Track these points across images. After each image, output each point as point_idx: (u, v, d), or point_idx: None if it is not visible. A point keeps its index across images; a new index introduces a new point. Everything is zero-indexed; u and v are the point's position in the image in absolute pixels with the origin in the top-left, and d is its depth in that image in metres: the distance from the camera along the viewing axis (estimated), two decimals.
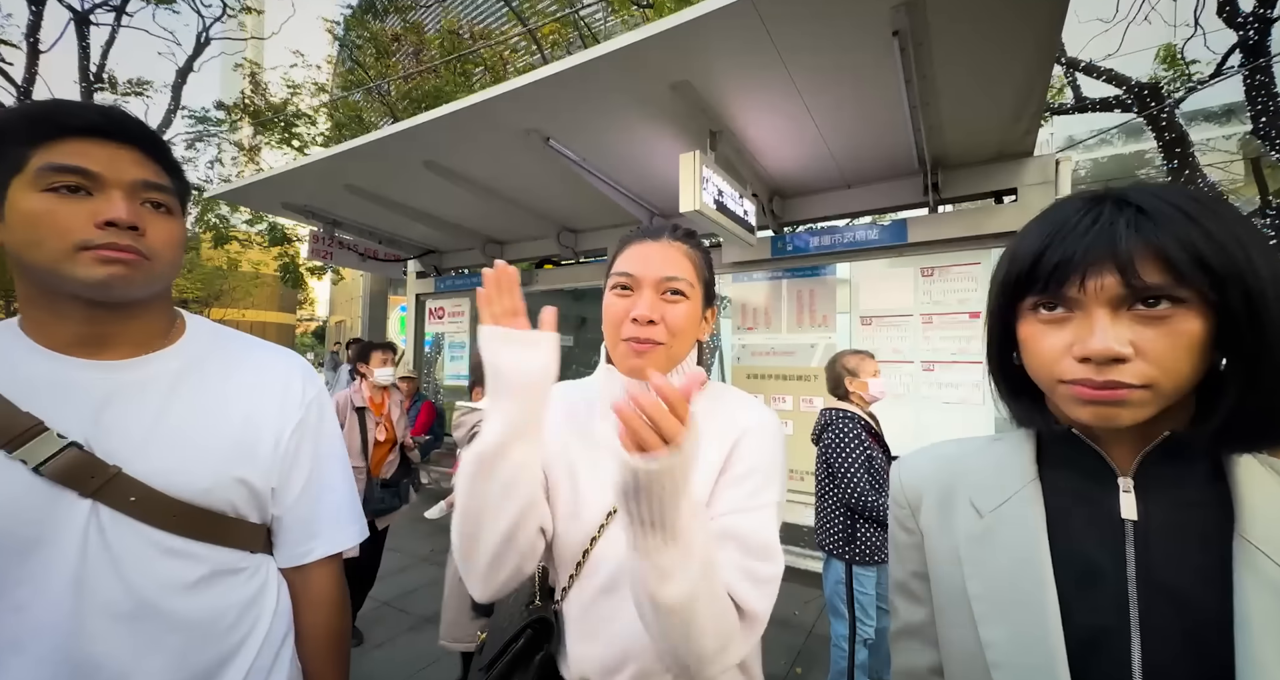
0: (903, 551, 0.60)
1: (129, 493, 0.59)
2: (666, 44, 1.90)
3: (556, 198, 3.56)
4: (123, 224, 0.56)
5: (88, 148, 0.57)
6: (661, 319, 0.71)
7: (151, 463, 0.61)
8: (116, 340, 0.63)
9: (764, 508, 0.68)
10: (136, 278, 0.59)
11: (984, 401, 2.77)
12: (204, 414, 0.66)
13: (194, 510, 0.63)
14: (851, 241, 3.10)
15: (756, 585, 0.62)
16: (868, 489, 1.81)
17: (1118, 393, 0.41)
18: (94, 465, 0.58)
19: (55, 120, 0.57)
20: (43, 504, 0.56)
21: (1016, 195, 2.64)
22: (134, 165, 0.59)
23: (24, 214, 0.55)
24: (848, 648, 1.87)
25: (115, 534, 0.59)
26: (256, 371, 0.74)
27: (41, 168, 0.55)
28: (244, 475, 0.67)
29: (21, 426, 0.56)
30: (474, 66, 9.18)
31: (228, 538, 0.67)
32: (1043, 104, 2.20)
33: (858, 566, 1.86)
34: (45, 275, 0.57)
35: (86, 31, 7.48)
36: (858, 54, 1.95)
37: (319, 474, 0.76)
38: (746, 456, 0.70)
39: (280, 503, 0.72)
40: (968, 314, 2.84)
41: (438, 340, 5.41)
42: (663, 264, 0.73)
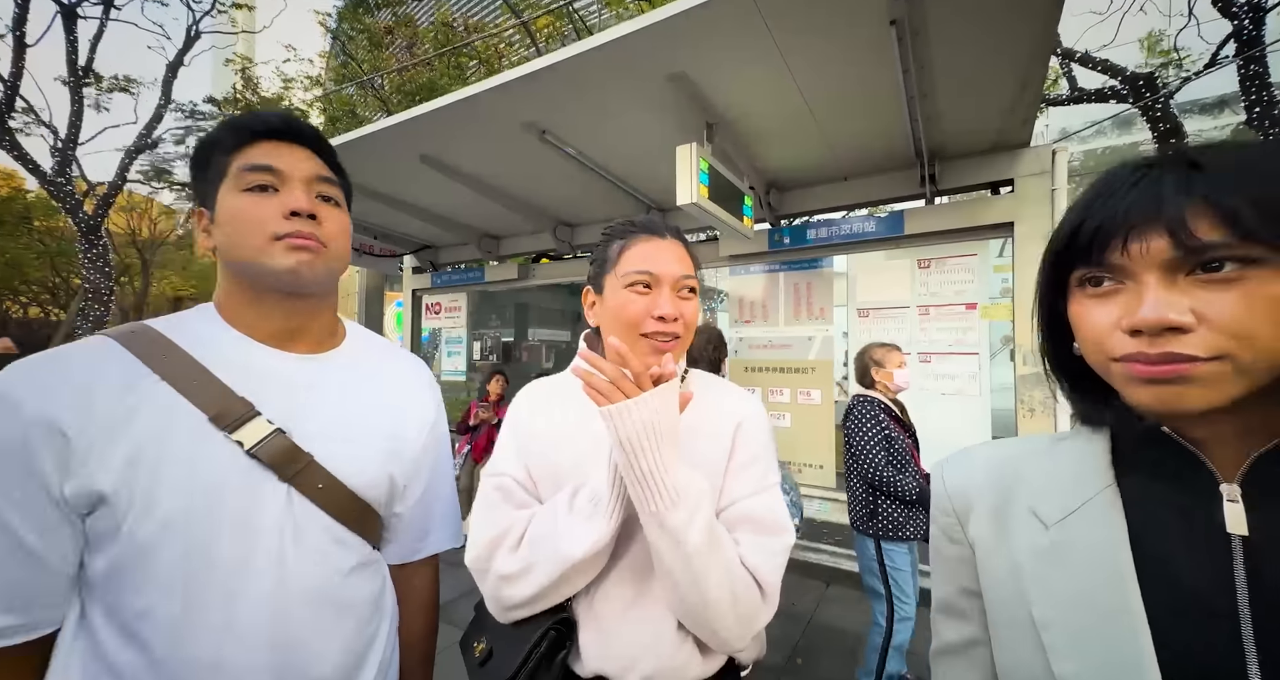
0: (949, 565, 0.53)
1: (317, 480, 0.64)
2: (662, 35, 1.88)
3: (552, 191, 3.54)
4: (304, 212, 0.63)
5: (272, 148, 0.64)
6: (680, 315, 0.75)
7: (335, 453, 0.66)
8: (304, 334, 0.70)
9: (769, 488, 0.75)
10: (318, 264, 0.64)
11: (980, 393, 2.78)
12: (370, 411, 0.72)
13: (358, 502, 0.68)
14: (848, 234, 3.10)
15: (770, 557, 0.70)
16: (884, 465, 1.94)
17: (1179, 368, 0.35)
18: (295, 452, 0.63)
19: (247, 127, 0.65)
20: (253, 485, 0.60)
21: (1013, 186, 2.64)
22: (307, 161, 0.66)
23: (230, 213, 0.62)
24: (885, 625, 1.92)
25: (304, 518, 0.63)
26: (400, 374, 0.80)
27: (240, 168, 0.62)
28: (394, 471, 0.72)
29: (239, 410, 0.60)
30: (468, 60, 9.10)
31: (369, 530, 0.71)
32: (1040, 94, 2.20)
33: (886, 542, 1.93)
34: (247, 268, 0.63)
35: (74, 25, 7.36)
36: (855, 44, 1.94)
37: (436, 475, 0.81)
38: (747, 444, 0.76)
39: (406, 500, 0.76)
40: (964, 305, 2.85)
41: (434, 336, 5.39)
42: (677, 263, 0.77)
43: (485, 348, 5.19)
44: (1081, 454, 0.47)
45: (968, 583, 0.51)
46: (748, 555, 0.68)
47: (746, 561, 0.68)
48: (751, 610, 0.68)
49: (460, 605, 2.93)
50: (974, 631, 0.50)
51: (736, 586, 0.66)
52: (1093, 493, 0.44)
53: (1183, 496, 0.41)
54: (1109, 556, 0.41)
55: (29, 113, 7.34)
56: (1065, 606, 0.41)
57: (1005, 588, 0.46)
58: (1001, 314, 2.78)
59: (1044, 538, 0.44)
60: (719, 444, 0.75)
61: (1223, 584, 0.37)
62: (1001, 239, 2.77)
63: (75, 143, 7.46)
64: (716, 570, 0.64)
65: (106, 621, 0.56)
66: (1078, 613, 0.41)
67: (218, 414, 0.59)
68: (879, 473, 1.91)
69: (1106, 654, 0.39)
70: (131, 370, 0.58)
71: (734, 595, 0.66)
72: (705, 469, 0.72)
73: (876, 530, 1.93)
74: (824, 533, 3.46)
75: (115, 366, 0.58)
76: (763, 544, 0.70)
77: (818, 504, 3.23)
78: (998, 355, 3.04)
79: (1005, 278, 2.80)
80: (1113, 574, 0.40)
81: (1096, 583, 0.41)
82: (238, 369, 0.63)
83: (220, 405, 0.59)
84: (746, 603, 0.67)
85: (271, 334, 0.67)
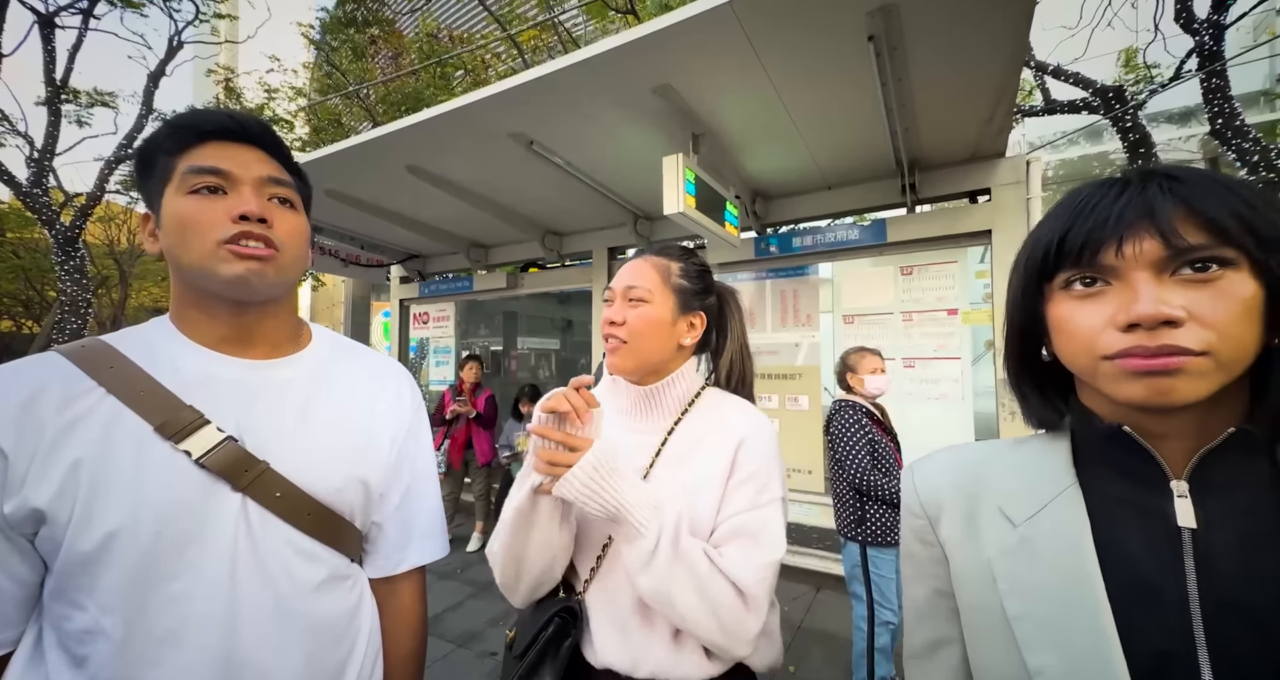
0: (921, 566, 0.54)
1: (274, 489, 0.61)
2: (648, 48, 1.92)
3: (540, 201, 3.56)
4: (253, 216, 0.59)
5: (220, 150, 0.61)
6: (624, 321, 0.83)
7: (294, 461, 0.63)
8: (258, 339, 0.66)
9: (766, 505, 0.77)
10: (268, 271, 0.61)
11: (964, 397, 2.84)
12: (336, 416, 0.69)
13: (324, 511, 0.65)
14: (833, 241, 3.16)
15: (757, 570, 0.72)
16: (870, 469, 1.94)
17: (1174, 360, 0.36)
18: (248, 459, 0.60)
19: (193, 127, 0.61)
20: (203, 496, 0.57)
21: (990, 195, 2.72)
22: (258, 163, 0.63)
23: (174, 217, 0.59)
24: (866, 628, 1.92)
25: (261, 529, 0.60)
26: (372, 377, 0.76)
27: (185, 170, 0.59)
28: (366, 477, 0.69)
29: (187, 419, 0.58)
30: (454, 69, 9.13)
31: (342, 542, 0.68)
32: (1013, 106, 2.28)
33: (872, 548, 1.94)
34: (195, 275, 0.60)
35: (51, 35, 7.25)
36: (835, 58, 1.99)
37: (417, 480, 0.77)
38: (746, 463, 0.79)
39: (383, 508, 0.73)
40: (946, 311, 2.91)
41: (422, 345, 5.35)
42: (629, 276, 0.86)
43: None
44: (1044, 455, 0.49)
45: (940, 584, 0.52)
46: (733, 567, 0.71)
47: (731, 573, 0.70)
48: (734, 620, 0.69)
49: (448, 619, 2.89)
50: (945, 631, 0.52)
51: (713, 597, 0.69)
52: (1057, 491, 0.46)
53: (1138, 492, 0.43)
54: (1074, 551, 0.43)
55: (3, 123, 7.19)
56: (1035, 600, 0.43)
57: (977, 585, 0.47)
58: (982, 319, 2.84)
59: (1013, 536, 0.46)
60: (719, 460, 0.79)
61: (1174, 575, 0.40)
62: (981, 246, 2.84)
63: (53, 154, 7.32)
64: (684, 584, 0.68)
65: (55, 643, 0.54)
66: (1047, 605, 0.43)
67: (164, 423, 0.56)
68: (865, 477, 1.93)
69: (1075, 643, 0.40)
70: (75, 384, 0.56)
71: (711, 605, 0.69)
72: (703, 482, 0.78)
73: (864, 536, 1.94)
74: (813, 538, 3.47)
75: (57, 381, 0.56)
76: (749, 558, 0.72)
77: (806, 509, 3.25)
78: (980, 359, 3.10)
79: (987, 283, 2.87)
80: (1077, 567, 0.42)
81: (1063, 576, 0.43)
82: (187, 377, 0.60)
83: (166, 414, 0.57)
84: (728, 612, 0.69)
85: (222, 339, 0.64)
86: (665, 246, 0.91)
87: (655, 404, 0.86)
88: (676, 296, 0.85)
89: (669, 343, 0.85)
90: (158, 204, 0.61)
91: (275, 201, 0.64)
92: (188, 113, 0.64)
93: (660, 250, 0.89)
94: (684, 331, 0.87)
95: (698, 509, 0.76)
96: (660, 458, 0.82)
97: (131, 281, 17.52)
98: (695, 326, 0.88)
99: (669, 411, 0.86)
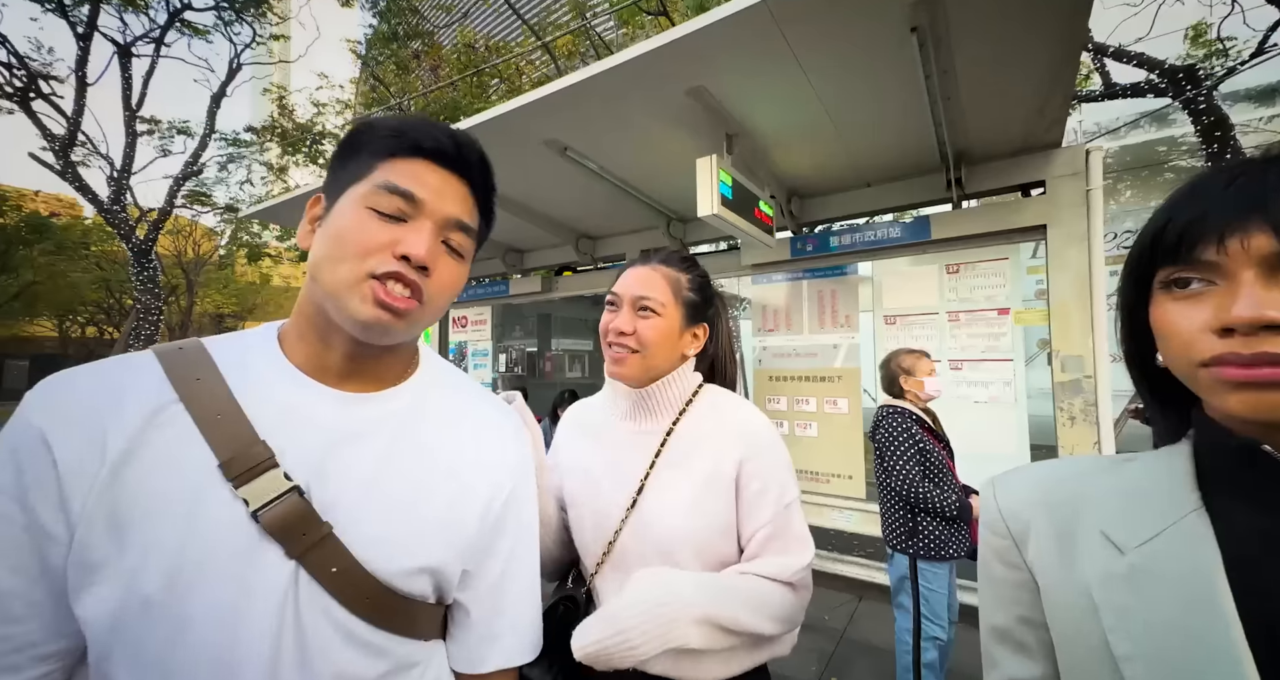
0: (1003, 591, 0.49)
1: (333, 561, 0.48)
2: (681, 51, 1.91)
3: (574, 206, 3.60)
4: (415, 262, 0.50)
5: (424, 170, 0.53)
6: (634, 331, 0.83)
7: (362, 527, 0.51)
8: (365, 374, 0.56)
9: (787, 507, 0.81)
10: (398, 326, 0.52)
11: (1016, 401, 2.69)
12: (422, 469, 0.56)
13: (387, 594, 0.51)
14: (873, 240, 3.06)
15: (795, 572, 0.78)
16: (919, 480, 1.86)
17: (1275, 371, 0.32)
18: (310, 519, 0.48)
19: (410, 137, 0.53)
20: (251, 559, 0.46)
21: (1045, 188, 2.57)
22: (455, 201, 0.55)
23: (339, 225, 0.51)
24: (911, 642, 1.85)
25: (309, 610, 0.48)
26: (476, 423, 0.63)
27: (379, 183, 0.51)
28: (442, 562, 0.54)
29: (255, 458, 0.47)
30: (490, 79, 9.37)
31: (413, 627, 0.54)
32: (1070, 94, 2.14)
33: (923, 562, 1.86)
34: (324, 297, 0.51)
35: (128, 63, 7.88)
36: (875, 51, 1.93)
37: (513, 563, 0.62)
38: (757, 475, 0.81)
39: (470, 588, 0.59)
40: (996, 311, 2.77)
41: (460, 349, 5.50)
42: (639, 285, 0.85)
43: (511, 359, 5.27)
44: (1159, 474, 0.43)
45: (1027, 611, 0.47)
46: (776, 572, 0.77)
47: (778, 577, 0.77)
48: (791, 610, 0.78)
49: None
50: (1042, 669, 0.46)
51: (769, 608, 0.76)
52: (1177, 516, 0.40)
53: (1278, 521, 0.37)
54: (1202, 586, 0.36)
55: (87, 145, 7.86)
56: (1150, 640, 0.37)
57: (1073, 614, 0.42)
58: (1036, 319, 2.69)
59: (1120, 563, 0.40)
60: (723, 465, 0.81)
61: None
62: (1033, 242, 2.69)
63: (129, 172, 7.96)
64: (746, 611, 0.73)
65: None
66: (1167, 648, 0.36)
67: (230, 459, 0.46)
68: (914, 488, 1.84)
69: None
70: (156, 394, 0.48)
71: (771, 614, 0.76)
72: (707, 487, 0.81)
73: (916, 549, 1.86)
74: (854, 544, 3.37)
75: (140, 388, 0.48)
76: (785, 563, 0.79)
77: (847, 515, 3.15)
78: (1033, 361, 2.93)
79: (1039, 279, 2.71)
80: (1208, 606, 0.36)
81: (1189, 615, 0.36)
82: (269, 404, 0.50)
83: (235, 448, 0.47)
84: (785, 609, 0.77)
85: (323, 368, 0.54)
86: (670, 256, 0.91)
87: (653, 404, 0.88)
88: (685, 309, 0.87)
89: (675, 353, 0.87)
90: (335, 198, 0.53)
91: (447, 248, 0.55)
92: (416, 118, 0.56)
93: (668, 260, 0.90)
94: (689, 343, 0.89)
95: (706, 513, 0.80)
96: (660, 459, 0.84)
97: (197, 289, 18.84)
98: (699, 337, 0.91)
99: (667, 411, 0.88)
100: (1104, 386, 2.35)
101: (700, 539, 0.79)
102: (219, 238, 17.56)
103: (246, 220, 10.86)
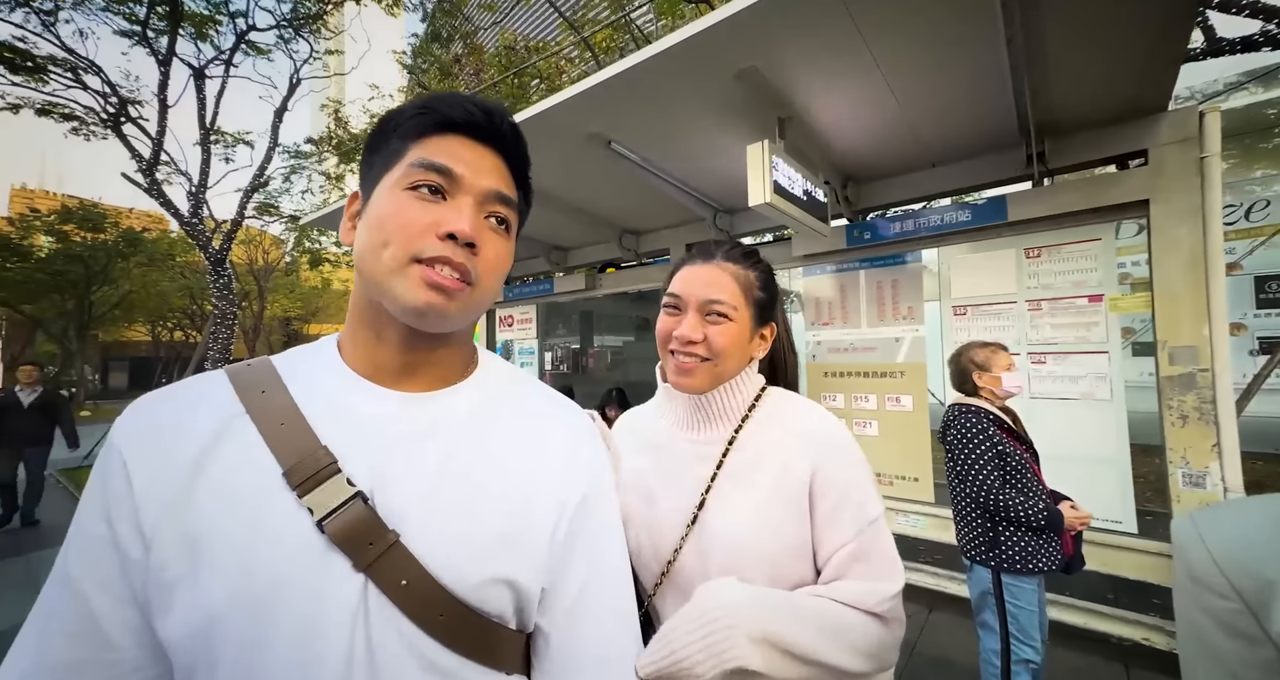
0: (1228, 667, 0.38)
1: (402, 572, 0.44)
2: (731, 30, 1.80)
3: (618, 201, 3.55)
4: (463, 239, 0.48)
5: (458, 145, 0.51)
6: (704, 339, 0.75)
7: (430, 534, 0.47)
8: (423, 372, 0.54)
9: (869, 525, 0.71)
10: (452, 309, 0.49)
11: (1112, 396, 2.42)
12: (489, 470, 0.52)
13: (462, 609, 0.46)
14: (939, 225, 2.83)
15: (884, 599, 0.68)
16: (1000, 486, 1.69)
17: None
18: (375, 527, 0.45)
19: (438, 112, 0.51)
20: (317, 574, 0.43)
21: (1146, 158, 2.28)
22: (492, 173, 0.53)
23: (380, 212, 0.49)
24: (1000, 665, 1.69)
25: (381, 630, 0.43)
26: (544, 426, 0.58)
27: (413, 162, 0.49)
28: (514, 574, 0.49)
29: (318, 463, 0.45)
30: (530, 78, 9.48)
31: (493, 654, 0.49)
32: (1184, 50, 1.87)
33: (1008, 575, 1.69)
34: (373, 287, 0.50)
35: (202, 85, 8.49)
36: (948, 15, 1.75)
37: (594, 579, 0.55)
38: (833, 485, 0.72)
39: (549, 609, 0.52)
40: (1086, 297, 2.50)
41: (507, 347, 5.60)
42: (706, 286, 0.77)
43: (556, 358, 5.30)
44: None
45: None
46: (859, 599, 0.68)
47: (861, 605, 0.67)
48: (878, 646, 0.68)
49: None
50: None
51: (849, 639, 0.66)
52: None
53: None
54: None
55: (169, 164, 8.54)
56: None
57: None
58: (1136, 305, 2.40)
59: None
60: (792, 478, 0.73)
61: None
62: (1131, 221, 2.40)
63: (205, 187, 8.59)
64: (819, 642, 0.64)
65: None
66: None
67: (293, 466, 0.45)
68: (994, 496, 1.68)
69: None
70: (225, 408, 0.48)
71: (852, 646, 0.66)
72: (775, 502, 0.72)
73: (999, 561, 1.69)
74: (921, 551, 3.17)
75: (209, 404, 0.49)
76: (871, 589, 0.69)
77: (914, 520, 2.96)
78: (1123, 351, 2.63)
79: (1135, 260, 2.42)
80: None
81: None
82: (330, 410, 0.49)
83: (299, 455, 0.45)
84: (870, 642, 0.67)
85: (380, 368, 0.52)
86: (733, 250, 0.82)
87: (715, 411, 0.80)
88: (755, 310, 0.80)
89: (745, 359, 0.80)
90: (370, 189, 0.52)
91: (492, 221, 0.53)
92: (443, 95, 0.53)
93: (731, 255, 0.81)
94: (757, 345, 0.83)
95: (776, 529, 0.72)
96: (722, 471, 0.77)
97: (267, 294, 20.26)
98: (766, 339, 0.84)
99: (729, 418, 0.80)
100: (1224, 381, 2.06)
101: (769, 558, 0.71)
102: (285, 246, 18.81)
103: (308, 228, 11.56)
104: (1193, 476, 2.12)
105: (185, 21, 7.87)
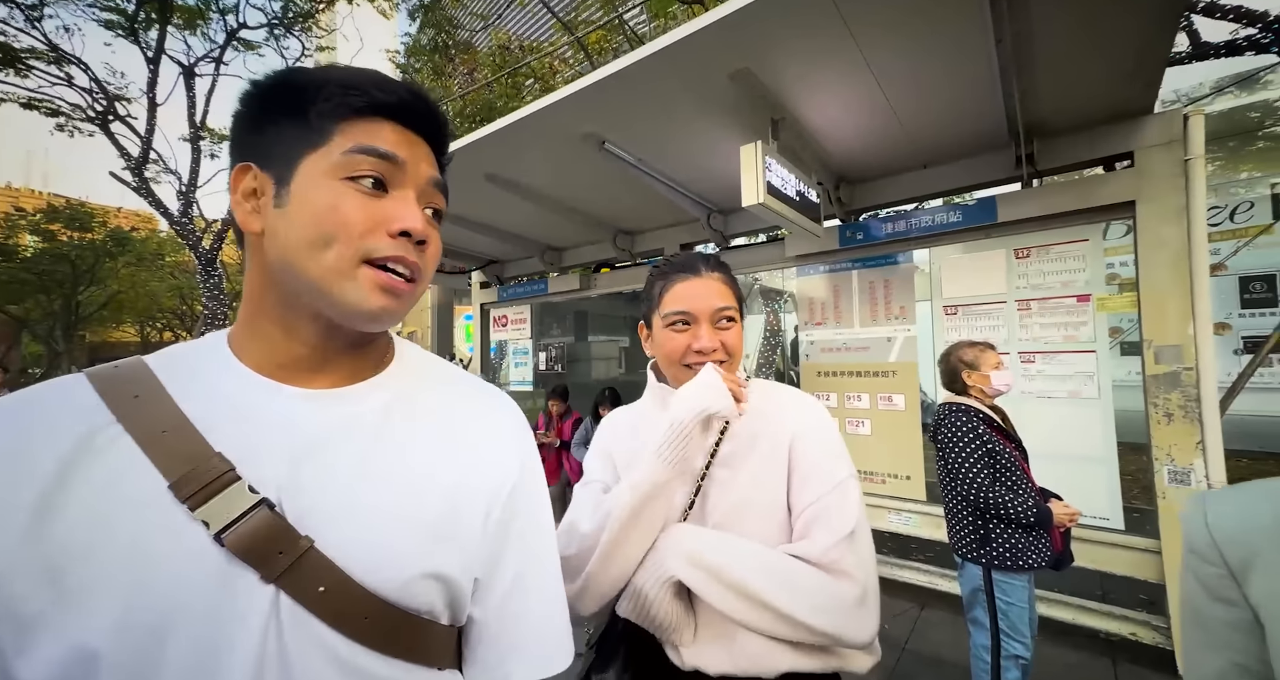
0: (1217, 632, 0.43)
1: (319, 580, 0.42)
2: (726, 30, 1.81)
3: (612, 201, 3.56)
4: (416, 236, 0.46)
5: (390, 132, 0.47)
6: (720, 345, 0.83)
7: (346, 536, 0.44)
8: (334, 367, 0.50)
9: (837, 486, 0.78)
10: (402, 310, 0.47)
11: (1099, 395, 2.45)
12: (412, 469, 0.49)
13: (389, 610, 0.45)
14: (930, 225, 2.86)
15: (825, 549, 0.72)
16: (990, 484, 1.71)
17: None
18: (285, 535, 0.42)
19: (368, 93, 0.46)
20: (219, 588, 0.40)
21: (1133, 160, 2.32)
22: (427, 161, 0.49)
23: (317, 205, 0.44)
24: (990, 660, 1.71)
25: (297, 642, 0.41)
26: (468, 416, 0.56)
27: (354, 148, 0.44)
28: (443, 567, 0.48)
29: (214, 473, 0.42)
30: (524, 79, 9.45)
31: (422, 650, 0.47)
32: (1168, 53, 1.91)
33: (998, 572, 1.71)
34: (306, 287, 0.45)
35: (192, 83, 8.39)
36: (939, 16, 1.77)
37: (528, 565, 0.55)
38: (804, 456, 0.81)
39: (483, 600, 0.52)
40: (1074, 297, 2.53)
41: (501, 347, 5.58)
42: (713, 297, 0.84)
43: (550, 358, 5.30)
44: None
45: (1243, 658, 0.41)
46: (803, 551, 0.73)
47: (806, 556, 0.72)
48: (826, 598, 0.70)
49: None
50: None
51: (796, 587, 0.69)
52: None
53: None
54: None
55: (159, 162, 8.44)
56: None
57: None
58: (1123, 305, 2.44)
59: None
60: (775, 457, 0.81)
61: None
62: (1118, 221, 2.43)
63: (195, 186, 8.50)
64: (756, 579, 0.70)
65: None
66: None
67: (181, 477, 0.40)
68: (985, 494, 1.70)
69: None
70: (89, 417, 0.42)
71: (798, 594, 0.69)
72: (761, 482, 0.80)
73: (989, 559, 1.71)
74: (913, 548, 3.19)
75: (64, 416, 0.42)
76: (818, 540, 0.74)
77: (905, 518, 2.98)
78: (1111, 350, 2.67)
79: (1123, 261, 2.46)
80: None
81: None
82: (223, 412, 0.45)
83: (187, 464, 0.41)
84: (813, 590, 0.70)
85: (283, 363, 0.48)
86: (714, 262, 0.91)
87: None
88: (741, 309, 0.90)
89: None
90: (280, 169, 0.45)
91: (430, 213, 0.50)
92: (356, 70, 0.48)
93: (713, 265, 0.89)
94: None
95: (759, 507, 0.79)
96: (715, 459, 0.83)
97: None
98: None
99: None
100: (1208, 379, 2.10)
101: (761, 536, 0.78)
102: None
103: None
104: (1177, 473, 2.15)
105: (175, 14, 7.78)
